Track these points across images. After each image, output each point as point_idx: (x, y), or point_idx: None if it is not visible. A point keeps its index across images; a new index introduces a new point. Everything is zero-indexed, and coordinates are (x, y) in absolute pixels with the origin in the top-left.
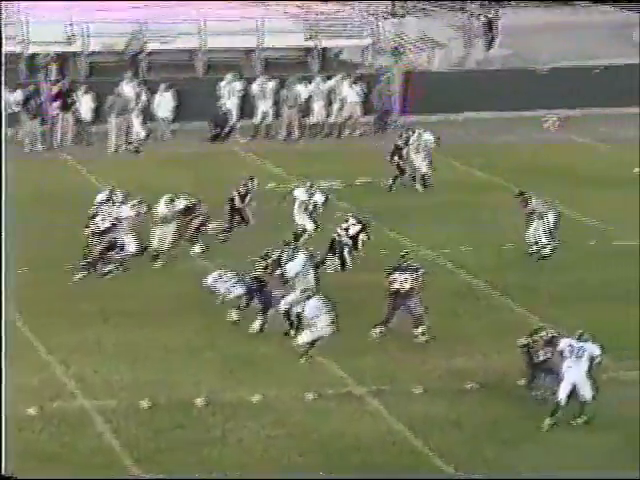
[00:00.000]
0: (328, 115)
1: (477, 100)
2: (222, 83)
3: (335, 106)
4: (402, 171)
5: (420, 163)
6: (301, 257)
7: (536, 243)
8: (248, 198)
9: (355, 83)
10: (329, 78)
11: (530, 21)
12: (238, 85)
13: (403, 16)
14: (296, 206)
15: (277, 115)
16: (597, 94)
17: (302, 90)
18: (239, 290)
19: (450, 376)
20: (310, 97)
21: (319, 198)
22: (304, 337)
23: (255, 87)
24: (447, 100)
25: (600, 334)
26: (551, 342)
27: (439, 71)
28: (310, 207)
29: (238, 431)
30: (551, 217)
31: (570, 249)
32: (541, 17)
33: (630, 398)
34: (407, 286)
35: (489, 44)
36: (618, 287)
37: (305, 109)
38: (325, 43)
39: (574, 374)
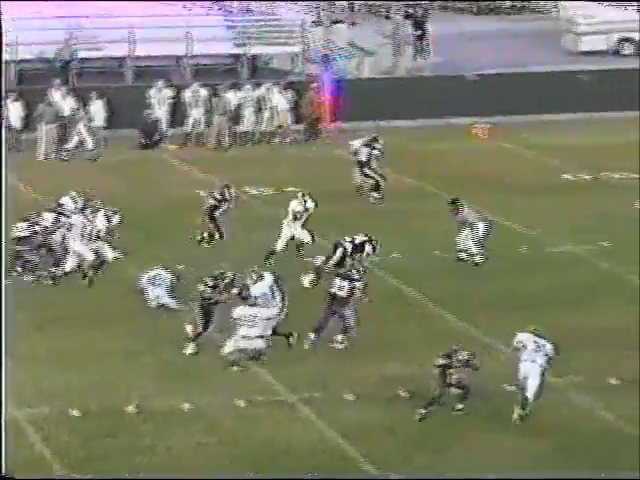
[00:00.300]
0: (258, 123)
1: (407, 107)
2: (152, 91)
3: (265, 114)
4: (377, 182)
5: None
6: (268, 279)
7: (466, 251)
8: (224, 207)
9: (285, 90)
10: (259, 85)
11: (459, 29)
12: (168, 92)
13: (335, 23)
14: (290, 219)
15: (207, 123)
16: (526, 101)
17: (232, 98)
18: (168, 300)
19: (383, 383)
20: (240, 105)
21: (311, 206)
22: (227, 347)
23: (188, 95)
24: (377, 107)
25: None
26: (467, 363)
27: (369, 78)
28: (304, 218)
29: (168, 439)
30: (481, 227)
31: (500, 256)
32: (470, 25)
33: (559, 404)
34: (344, 294)
35: (420, 51)
36: (549, 294)
37: (235, 117)
38: (255, 50)
39: (529, 368)
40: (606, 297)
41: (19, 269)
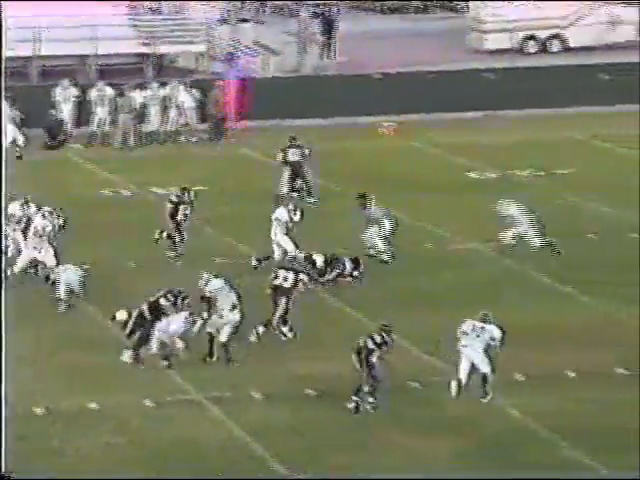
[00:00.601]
0: (164, 122)
1: (313, 106)
2: (57, 90)
3: (171, 113)
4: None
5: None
6: (217, 281)
7: (374, 248)
8: (183, 210)
9: (191, 89)
10: (165, 84)
11: (364, 28)
12: (74, 92)
13: (241, 22)
14: (276, 229)
15: (113, 122)
16: (431, 100)
17: (138, 97)
18: (77, 288)
19: (291, 382)
20: (146, 104)
21: (298, 216)
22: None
23: (94, 94)
24: (282, 106)
25: (435, 338)
26: (381, 345)
27: (274, 77)
28: (290, 227)
29: (77, 440)
30: (387, 224)
31: (406, 254)
32: (375, 24)
33: (463, 401)
34: (288, 284)
35: (328, 51)
36: (454, 291)
37: (141, 116)
38: (160, 49)
39: (470, 352)
40: (510, 294)
41: None
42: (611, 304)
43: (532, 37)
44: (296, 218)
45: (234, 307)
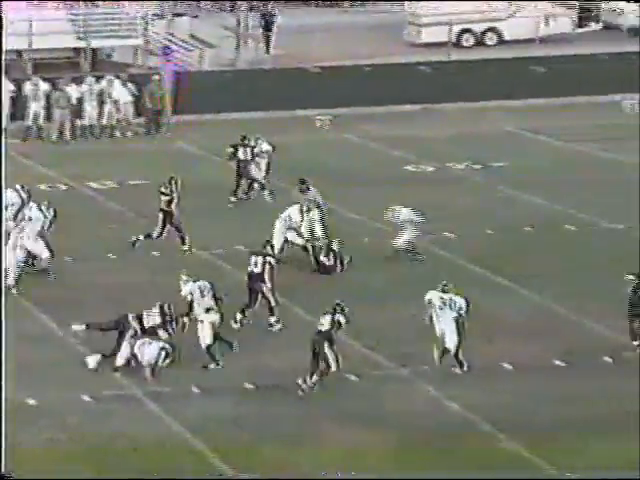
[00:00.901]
0: (100, 116)
1: (249, 100)
2: None
3: (107, 107)
4: (254, 180)
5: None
6: (190, 285)
7: (311, 234)
8: (175, 201)
9: (126, 83)
10: (100, 79)
11: (300, 21)
12: (9, 86)
13: (177, 15)
14: (282, 224)
15: (49, 117)
16: (368, 93)
17: (73, 91)
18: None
19: (229, 376)
20: (82, 98)
21: (315, 215)
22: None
23: (28, 88)
24: (218, 100)
25: (376, 332)
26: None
27: (210, 70)
28: (295, 226)
29: (16, 435)
30: (316, 213)
31: (344, 248)
32: (311, 17)
33: (403, 395)
34: (257, 270)
35: (267, 45)
36: (392, 285)
37: (77, 110)
38: (96, 43)
39: (443, 324)
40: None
41: None
42: (547, 296)
43: (468, 30)
44: (312, 215)
45: (209, 310)
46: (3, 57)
